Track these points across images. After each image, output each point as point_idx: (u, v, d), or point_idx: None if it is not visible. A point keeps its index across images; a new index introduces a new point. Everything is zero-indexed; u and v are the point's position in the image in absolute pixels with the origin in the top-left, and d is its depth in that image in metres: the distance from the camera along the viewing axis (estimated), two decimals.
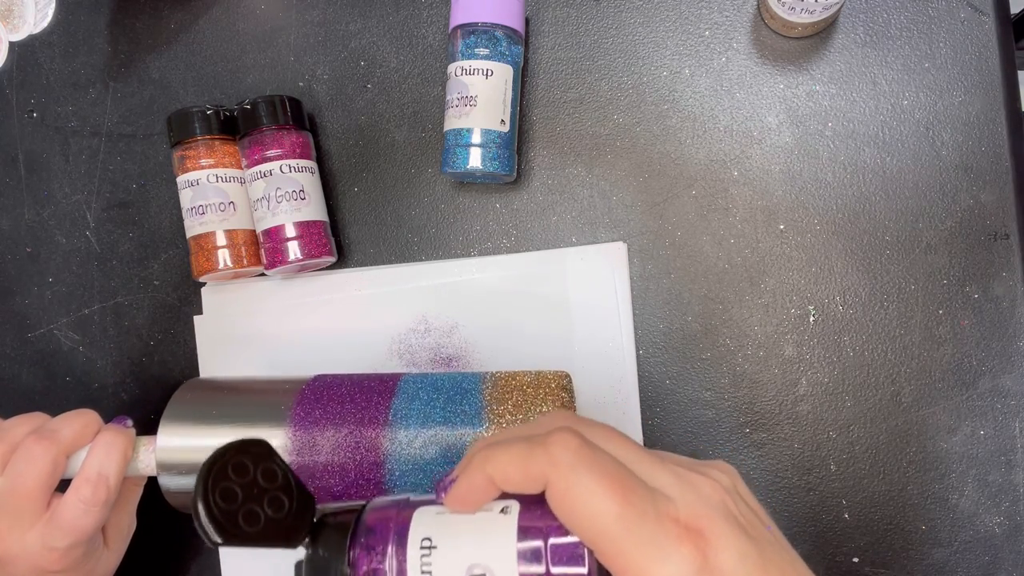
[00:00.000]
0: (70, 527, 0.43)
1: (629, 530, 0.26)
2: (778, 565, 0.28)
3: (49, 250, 0.61)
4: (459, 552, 0.30)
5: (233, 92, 0.60)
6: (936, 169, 0.51)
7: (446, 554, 0.30)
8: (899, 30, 0.52)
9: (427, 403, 0.45)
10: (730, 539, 0.27)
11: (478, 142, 0.51)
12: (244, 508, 0.30)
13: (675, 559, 0.26)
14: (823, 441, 0.52)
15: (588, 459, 0.27)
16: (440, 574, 0.30)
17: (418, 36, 0.58)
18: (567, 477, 0.27)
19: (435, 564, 0.30)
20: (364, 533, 0.32)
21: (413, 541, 0.31)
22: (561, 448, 0.28)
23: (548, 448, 0.28)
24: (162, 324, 0.60)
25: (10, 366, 0.62)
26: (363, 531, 0.32)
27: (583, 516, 0.27)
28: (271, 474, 0.31)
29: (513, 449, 0.29)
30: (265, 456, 0.32)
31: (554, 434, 0.28)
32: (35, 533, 0.43)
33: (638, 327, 0.54)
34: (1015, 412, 0.50)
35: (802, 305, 0.52)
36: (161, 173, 0.60)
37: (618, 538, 0.26)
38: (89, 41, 0.62)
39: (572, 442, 0.28)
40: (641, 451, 0.30)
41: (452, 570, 0.30)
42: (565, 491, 0.27)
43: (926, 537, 0.50)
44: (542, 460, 0.28)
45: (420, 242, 0.57)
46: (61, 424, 0.45)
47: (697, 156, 0.54)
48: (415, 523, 0.31)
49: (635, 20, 0.55)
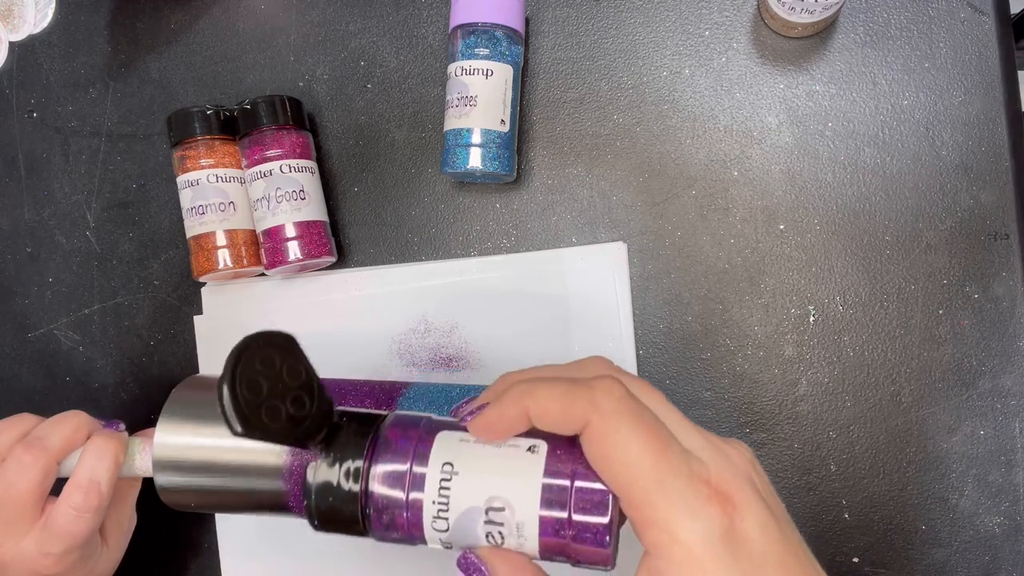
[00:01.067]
0: (63, 533, 0.43)
1: (662, 483, 0.27)
2: (793, 541, 0.28)
3: (49, 250, 0.61)
4: (481, 482, 0.29)
5: (233, 92, 0.60)
6: (936, 169, 0.51)
7: (467, 481, 0.30)
8: (899, 30, 0.52)
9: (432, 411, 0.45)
10: (755, 508, 0.28)
11: (478, 142, 0.51)
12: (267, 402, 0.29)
13: (703, 518, 0.27)
14: (823, 441, 0.52)
15: (631, 409, 0.28)
16: (457, 500, 0.30)
17: (418, 36, 0.58)
18: (608, 423, 0.27)
19: (454, 489, 0.30)
20: (383, 445, 0.31)
21: (434, 463, 0.30)
22: (605, 394, 0.28)
23: (592, 392, 0.28)
24: (162, 324, 0.60)
25: (10, 366, 0.62)
26: (381, 444, 0.31)
27: (619, 463, 0.27)
28: (295, 372, 0.30)
29: (556, 387, 0.29)
30: (292, 352, 0.31)
31: (599, 380, 0.28)
32: (30, 539, 0.43)
33: (638, 327, 0.54)
34: (1015, 412, 0.50)
35: (802, 305, 0.52)
36: (161, 173, 0.60)
37: (650, 489, 0.27)
38: (89, 41, 0.62)
39: (617, 390, 0.28)
40: (677, 412, 0.30)
41: (471, 498, 0.29)
42: (604, 436, 0.27)
43: (926, 537, 0.50)
44: (585, 402, 0.28)
45: (420, 242, 0.57)
46: (51, 429, 0.45)
47: (697, 156, 0.54)
48: (438, 445, 0.31)
49: (635, 20, 0.55)
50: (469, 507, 0.30)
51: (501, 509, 0.29)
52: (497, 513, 0.29)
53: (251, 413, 0.28)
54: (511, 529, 0.29)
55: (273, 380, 0.30)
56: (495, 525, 0.29)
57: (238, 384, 0.28)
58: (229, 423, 0.28)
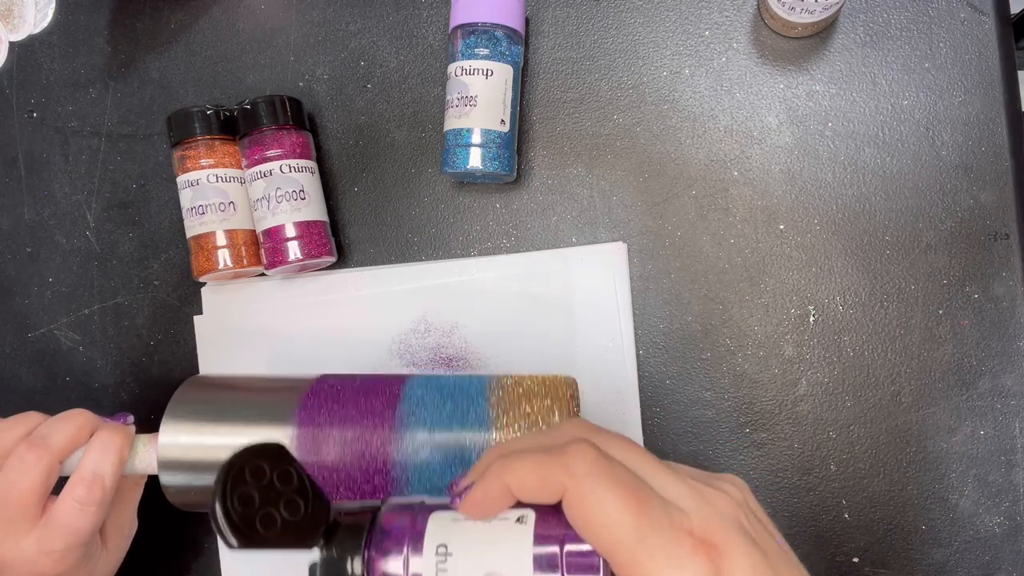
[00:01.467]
0: (66, 529, 0.43)
1: (643, 541, 0.27)
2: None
3: (49, 250, 0.61)
4: (475, 559, 0.30)
5: (233, 92, 0.60)
6: (936, 169, 0.51)
7: (462, 561, 0.30)
8: (899, 30, 0.52)
9: (434, 409, 0.45)
10: (742, 552, 0.27)
11: (478, 142, 0.51)
12: (261, 511, 0.31)
13: (689, 570, 0.27)
14: (823, 441, 0.52)
15: (604, 470, 0.28)
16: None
17: (418, 36, 0.58)
18: (583, 487, 0.27)
19: (450, 570, 0.30)
20: (379, 535, 0.32)
21: (429, 547, 0.31)
22: (579, 459, 0.28)
23: (565, 459, 0.28)
24: (162, 324, 0.60)
25: (10, 366, 0.62)
26: (378, 533, 0.32)
27: (599, 526, 0.27)
28: (287, 477, 0.32)
29: (531, 459, 0.29)
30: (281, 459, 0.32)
31: (571, 445, 0.29)
32: (31, 539, 0.43)
33: (638, 327, 0.54)
34: (1015, 412, 0.50)
35: (802, 305, 0.52)
36: (161, 173, 0.60)
37: (633, 548, 0.27)
38: (89, 41, 0.62)
39: (589, 453, 0.28)
40: (656, 463, 0.30)
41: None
42: (581, 501, 0.28)
43: (926, 537, 0.50)
44: (559, 470, 0.28)
45: (420, 242, 0.57)
46: (55, 428, 0.44)
47: (697, 156, 0.54)
48: (431, 528, 0.31)
49: (635, 20, 0.55)
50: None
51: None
52: None
53: (245, 526, 0.30)
54: None
55: (264, 489, 0.31)
56: None
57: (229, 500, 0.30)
58: (225, 538, 0.30)
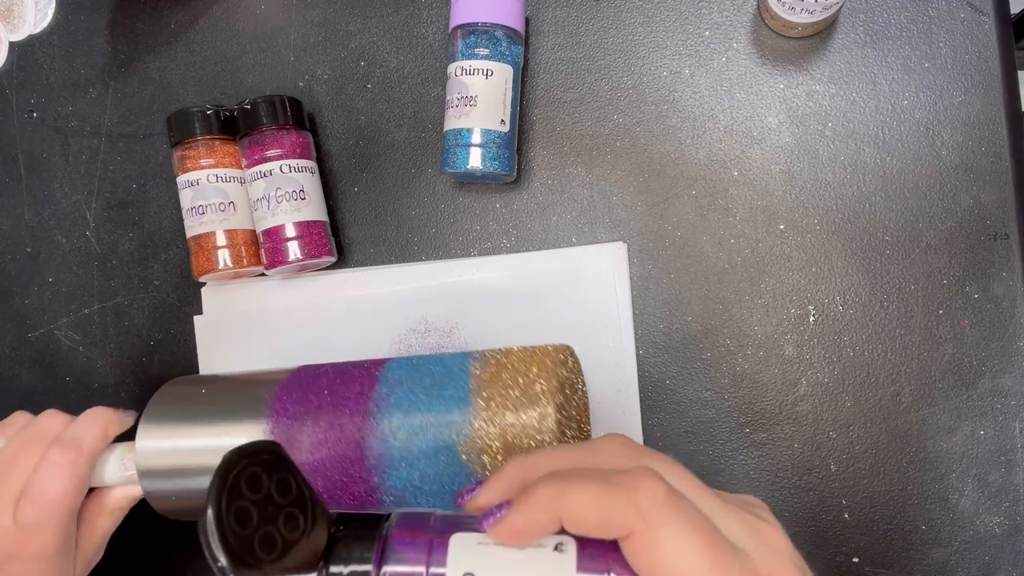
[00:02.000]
0: (39, 494, 0.43)
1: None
2: None
3: (49, 250, 0.61)
4: None
5: (233, 92, 0.60)
6: (936, 169, 0.51)
7: None
8: (899, 30, 0.52)
9: (411, 388, 0.42)
10: None
11: (478, 142, 0.51)
12: (260, 531, 0.26)
13: None
14: (823, 441, 0.52)
15: (678, 511, 0.26)
16: None
17: (418, 36, 0.58)
18: (656, 531, 0.25)
19: None
20: (392, 557, 0.28)
21: (454, 573, 0.27)
22: (649, 497, 0.26)
23: (634, 494, 0.26)
24: (162, 324, 0.60)
25: (10, 366, 0.62)
26: (391, 555, 0.28)
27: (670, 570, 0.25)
28: (285, 487, 0.27)
29: (591, 491, 0.26)
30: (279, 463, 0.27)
31: (639, 479, 0.26)
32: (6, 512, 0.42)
33: (638, 327, 0.54)
34: (1015, 412, 0.50)
35: (802, 305, 0.52)
36: (161, 173, 0.60)
37: None
38: (89, 41, 0.62)
39: (660, 490, 0.26)
40: (710, 495, 0.28)
41: None
42: (653, 545, 0.25)
43: (926, 537, 0.50)
44: (626, 509, 0.26)
45: (420, 242, 0.57)
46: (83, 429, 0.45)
47: (697, 156, 0.54)
48: (454, 553, 0.28)
49: (635, 20, 0.55)
50: None
51: None
52: None
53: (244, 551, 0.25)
54: None
55: (262, 503, 0.26)
56: None
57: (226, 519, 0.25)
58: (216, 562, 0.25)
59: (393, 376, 0.43)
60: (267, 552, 0.26)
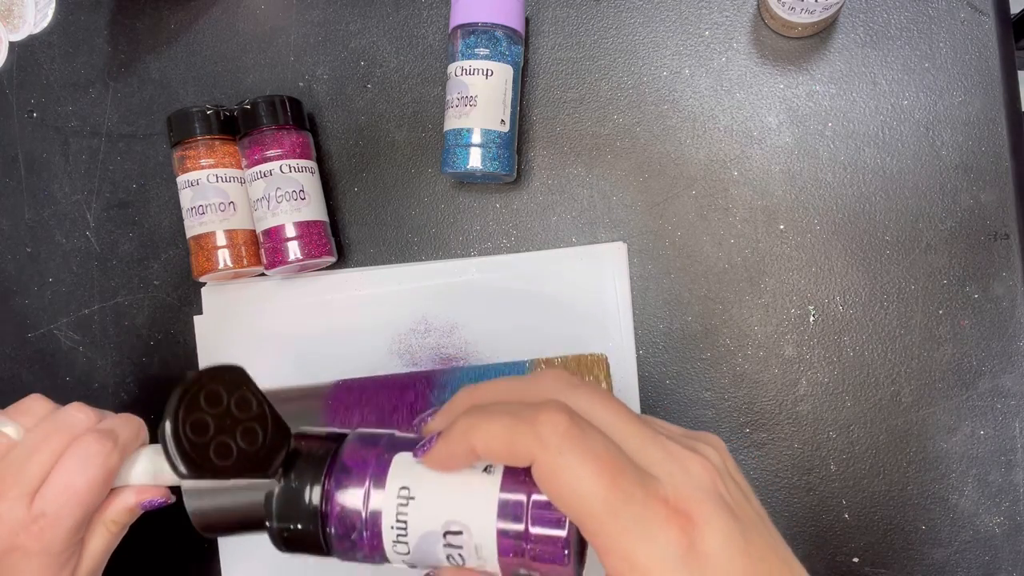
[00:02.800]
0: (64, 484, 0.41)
1: (616, 513, 0.26)
2: (759, 548, 0.28)
3: (49, 250, 0.61)
4: (437, 506, 0.29)
5: (233, 92, 0.60)
6: (936, 169, 0.51)
7: (423, 506, 0.29)
8: (899, 30, 0.52)
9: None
10: (717, 522, 0.27)
11: (478, 142, 0.51)
12: (216, 440, 0.29)
13: (661, 541, 0.26)
14: (823, 441, 0.52)
15: (576, 440, 0.27)
16: (415, 525, 0.29)
17: (418, 36, 0.58)
18: (555, 458, 0.27)
19: (411, 515, 0.29)
20: (340, 470, 0.31)
21: (391, 489, 0.30)
22: (550, 428, 0.27)
23: (536, 426, 0.27)
24: (162, 324, 0.60)
25: (10, 366, 0.62)
26: (339, 468, 0.31)
27: (569, 497, 0.27)
28: (245, 403, 0.30)
29: (499, 422, 0.28)
30: (239, 383, 0.30)
31: (543, 411, 0.27)
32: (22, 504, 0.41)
33: (638, 327, 0.54)
34: (1015, 412, 0.50)
35: (802, 305, 0.52)
36: (161, 173, 0.60)
37: (604, 520, 0.26)
38: (89, 41, 0.62)
39: (561, 421, 0.27)
40: (632, 421, 0.29)
41: (428, 523, 0.29)
42: (552, 472, 0.27)
43: (926, 537, 0.50)
44: (529, 438, 0.27)
45: (420, 242, 0.57)
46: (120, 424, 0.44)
47: (697, 156, 0.54)
48: (394, 470, 0.30)
49: (635, 20, 0.55)
50: (427, 531, 0.29)
51: (459, 532, 0.29)
52: (455, 536, 0.29)
53: (197, 454, 0.28)
54: (470, 551, 0.29)
55: (220, 416, 0.29)
56: (454, 548, 0.29)
57: (181, 428, 0.28)
58: (174, 467, 0.28)
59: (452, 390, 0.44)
60: (222, 459, 0.29)
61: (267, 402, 0.31)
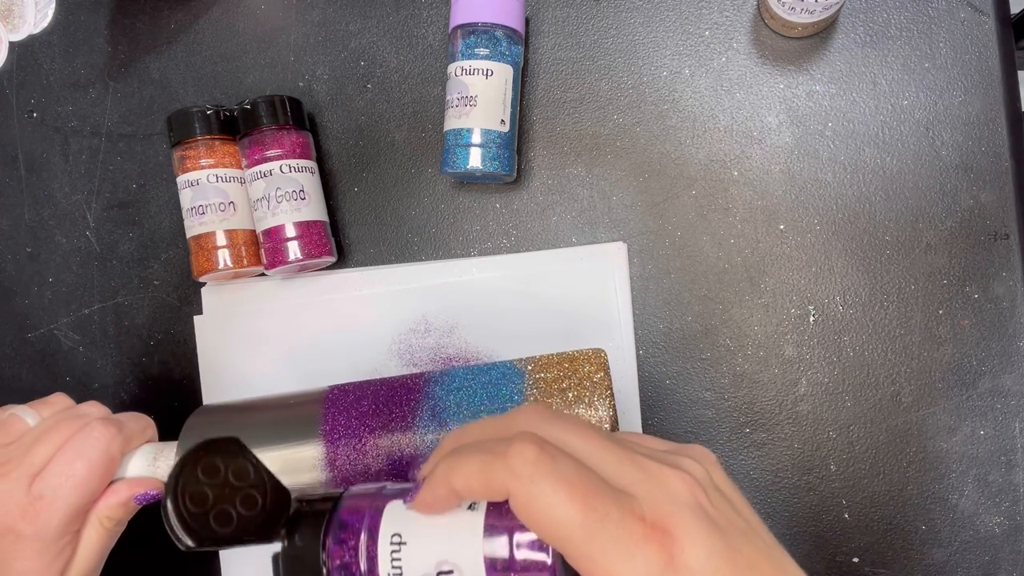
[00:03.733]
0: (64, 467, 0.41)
1: (593, 535, 0.26)
2: (748, 555, 0.28)
3: (49, 250, 0.61)
4: (428, 548, 0.30)
5: (233, 92, 0.60)
6: (936, 169, 0.51)
7: (415, 550, 0.30)
8: (899, 30, 0.52)
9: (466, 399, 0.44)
10: (697, 535, 0.27)
11: (478, 142, 0.51)
12: (216, 509, 0.30)
13: (640, 559, 0.26)
14: (823, 441, 0.52)
15: (547, 468, 0.27)
16: (410, 569, 0.30)
17: (418, 36, 0.58)
18: (528, 489, 0.27)
19: (405, 560, 0.30)
20: (337, 526, 0.32)
21: (384, 536, 0.31)
22: (520, 460, 0.27)
23: (507, 460, 0.28)
24: (162, 324, 0.60)
25: (10, 366, 0.62)
26: (336, 524, 0.32)
27: (547, 523, 0.27)
28: (243, 472, 0.32)
29: (474, 460, 0.29)
30: (235, 453, 0.32)
31: (514, 443, 0.28)
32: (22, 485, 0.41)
33: (638, 327, 0.54)
34: (1015, 412, 0.50)
35: (802, 305, 0.52)
36: (161, 173, 0.60)
37: (583, 543, 0.27)
38: (89, 41, 0.62)
39: (530, 452, 0.28)
40: (607, 445, 0.30)
41: (421, 566, 0.30)
42: (527, 502, 0.27)
43: (926, 537, 0.50)
44: (502, 472, 0.28)
45: (420, 242, 0.57)
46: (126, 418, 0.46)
47: (697, 156, 0.54)
48: (386, 518, 0.31)
49: (635, 20, 0.55)
50: (421, 574, 0.30)
51: (450, 572, 0.30)
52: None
53: (198, 525, 0.30)
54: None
55: (219, 486, 0.31)
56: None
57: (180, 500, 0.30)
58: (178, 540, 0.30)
59: (439, 394, 0.45)
60: (222, 526, 0.30)
61: (265, 469, 0.32)
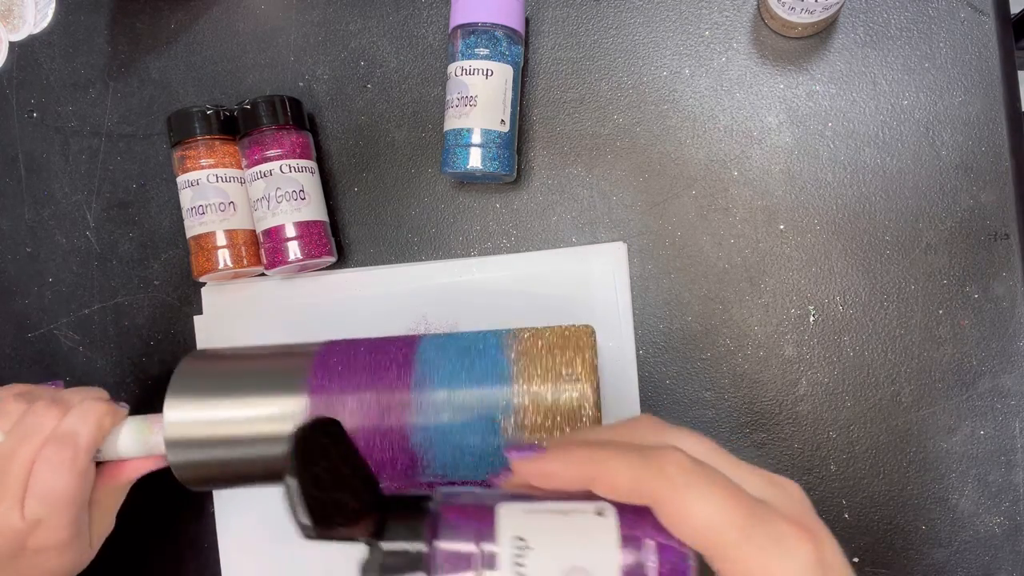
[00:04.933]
0: (43, 490, 0.43)
1: (750, 536, 0.27)
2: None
3: (49, 250, 0.61)
4: (558, 553, 0.29)
5: (233, 92, 0.60)
6: (936, 169, 0.51)
7: (542, 554, 0.29)
8: (899, 30, 0.52)
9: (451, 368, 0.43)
10: (829, 537, 0.29)
11: (478, 142, 0.51)
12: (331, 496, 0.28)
13: (799, 556, 0.27)
14: (823, 441, 0.52)
15: (700, 476, 0.28)
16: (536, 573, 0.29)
17: (418, 36, 0.58)
18: (684, 495, 0.28)
19: (530, 564, 0.29)
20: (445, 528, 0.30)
21: (504, 539, 0.29)
22: (675, 467, 0.28)
23: (662, 466, 0.28)
24: (162, 324, 0.60)
25: (10, 366, 0.62)
26: (444, 526, 0.30)
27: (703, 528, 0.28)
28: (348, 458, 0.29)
29: (625, 459, 0.29)
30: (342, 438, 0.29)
31: (664, 452, 0.29)
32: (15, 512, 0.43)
33: (638, 327, 0.54)
34: (1015, 412, 0.50)
35: (802, 305, 0.52)
36: (161, 173, 0.60)
37: (739, 544, 0.27)
38: (89, 41, 0.62)
39: (684, 461, 0.29)
40: (730, 458, 0.31)
41: (549, 571, 0.29)
42: (683, 508, 0.28)
43: (926, 537, 0.50)
44: (656, 478, 0.28)
45: (420, 242, 0.57)
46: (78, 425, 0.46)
47: (697, 156, 0.54)
48: (503, 519, 0.30)
49: (635, 20, 0.55)
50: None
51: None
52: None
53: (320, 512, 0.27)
54: None
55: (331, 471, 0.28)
56: None
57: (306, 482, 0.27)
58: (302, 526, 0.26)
59: (430, 356, 0.44)
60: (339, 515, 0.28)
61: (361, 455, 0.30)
